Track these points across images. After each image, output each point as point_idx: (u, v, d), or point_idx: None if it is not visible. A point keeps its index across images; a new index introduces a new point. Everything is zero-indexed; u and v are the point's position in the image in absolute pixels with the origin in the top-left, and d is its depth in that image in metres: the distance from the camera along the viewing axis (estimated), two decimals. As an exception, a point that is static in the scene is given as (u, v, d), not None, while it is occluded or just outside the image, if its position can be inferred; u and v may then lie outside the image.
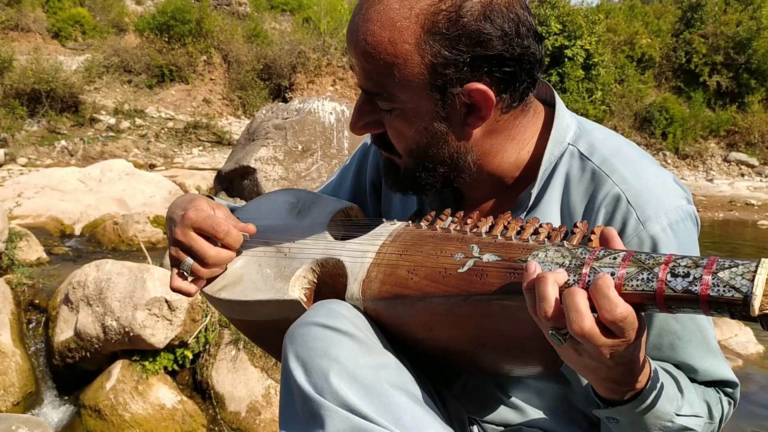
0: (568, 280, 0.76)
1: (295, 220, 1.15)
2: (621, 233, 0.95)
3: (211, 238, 1.06)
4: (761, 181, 14.01)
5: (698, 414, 0.94)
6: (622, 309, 0.71)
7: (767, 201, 11.91)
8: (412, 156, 1.01)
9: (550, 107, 1.08)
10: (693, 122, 14.88)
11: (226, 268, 1.10)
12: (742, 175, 14.51)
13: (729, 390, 1.03)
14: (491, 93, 0.94)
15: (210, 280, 1.10)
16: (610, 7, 17.52)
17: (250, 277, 1.07)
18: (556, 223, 1.02)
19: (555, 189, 1.03)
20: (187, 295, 1.08)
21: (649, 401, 0.85)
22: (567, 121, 1.06)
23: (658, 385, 0.87)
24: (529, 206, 1.04)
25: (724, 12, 16.12)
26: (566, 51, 14.03)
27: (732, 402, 1.03)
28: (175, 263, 1.07)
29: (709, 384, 1.02)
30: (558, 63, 14.14)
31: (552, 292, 0.73)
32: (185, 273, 1.06)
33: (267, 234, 1.13)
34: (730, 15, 15.83)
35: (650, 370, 0.85)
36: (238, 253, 1.11)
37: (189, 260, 1.05)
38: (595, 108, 14.27)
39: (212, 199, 1.21)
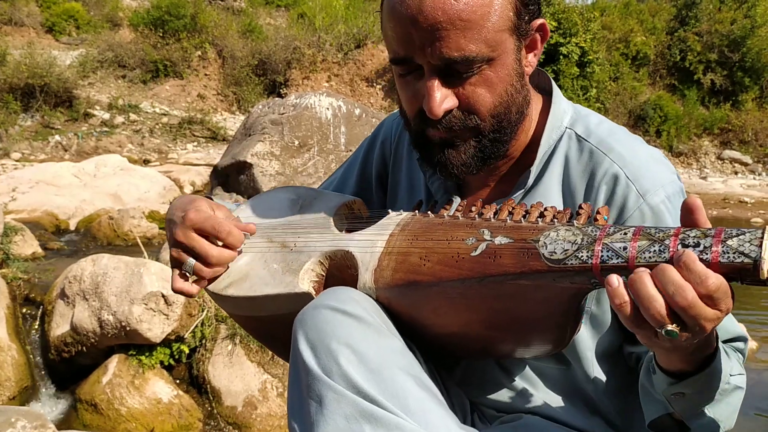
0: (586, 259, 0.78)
1: (298, 215, 1.16)
2: (623, 208, 1.01)
3: (212, 239, 1.06)
4: (755, 178, 14.05)
5: (741, 372, 0.98)
6: (714, 279, 0.70)
7: (761, 198, 11.95)
8: (497, 111, 1.01)
9: (547, 95, 1.13)
10: (687, 120, 14.91)
11: (229, 267, 1.10)
12: (736, 172, 14.55)
13: (741, 345, 1.06)
14: (548, 26, 1.02)
15: (212, 280, 1.10)
16: (606, 5, 17.52)
17: (256, 273, 1.07)
18: (558, 203, 1.06)
19: (555, 170, 1.07)
20: (189, 295, 1.08)
21: (718, 365, 0.87)
22: (564, 107, 1.11)
23: (720, 346, 0.88)
24: (529, 187, 1.08)
25: (719, 10, 16.13)
26: (561, 48, 14.04)
27: (743, 357, 1.06)
28: (177, 264, 1.07)
29: (724, 342, 1.04)
30: (553, 60, 14.14)
31: (656, 290, 0.72)
32: (188, 273, 1.06)
33: (270, 230, 1.14)
34: (724, 13, 15.85)
35: (716, 333, 0.86)
36: (241, 252, 1.12)
37: (191, 261, 1.05)
38: (589, 105, 14.28)
39: (211, 199, 1.22)
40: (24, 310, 3.62)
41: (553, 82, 1.13)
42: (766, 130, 14.95)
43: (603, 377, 1.09)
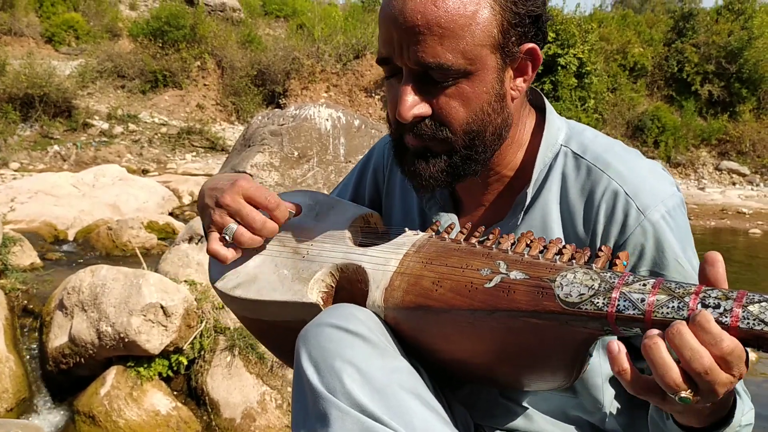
0: (603, 306, 0.76)
1: (313, 222, 1.14)
2: (623, 225, 0.99)
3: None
4: (752, 189, 14.09)
5: (751, 407, 0.96)
6: (729, 342, 0.68)
7: (759, 209, 11.98)
8: (470, 128, 0.99)
9: (540, 113, 1.12)
10: (685, 131, 14.96)
11: (239, 267, 1.09)
12: (734, 183, 14.59)
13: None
14: (540, 53, 0.98)
15: (224, 271, 1.09)
16: (603, 17, 17.63)
17: (266, 276, 1.06)
18: (557, 222, 1.05)
19: (552, 189, 1.06)
20: (223, 261, 1.05)
21: (735, 417, 0.85)
22: (558, 124, 1.09)
23: (736, 396, 0.86)
24: (526, 206, 1.06)
25: (716, 22, 16.23)
26: (559, 59, 14.10)
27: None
28: (218, 227, 1.05)
29: None
30: (551, 71, 14.20)
31: (670, 358, 0.70)
32: (227, 238, 1.04)
33: (283, 234, 1.12)
34: (721, 25, 15.94)
35: (734, 391, 0.84)
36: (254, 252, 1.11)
37: (233, 225, 1.04)
38: (587, 116, 14.33)
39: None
40: (22, 321, 3.61)
41: (546, 99, 1.12)
42: (763, 141, 15.01)
43: (611, 401, 1.08)
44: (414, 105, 0.96)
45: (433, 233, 1.03)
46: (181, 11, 14.69)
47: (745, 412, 0.93)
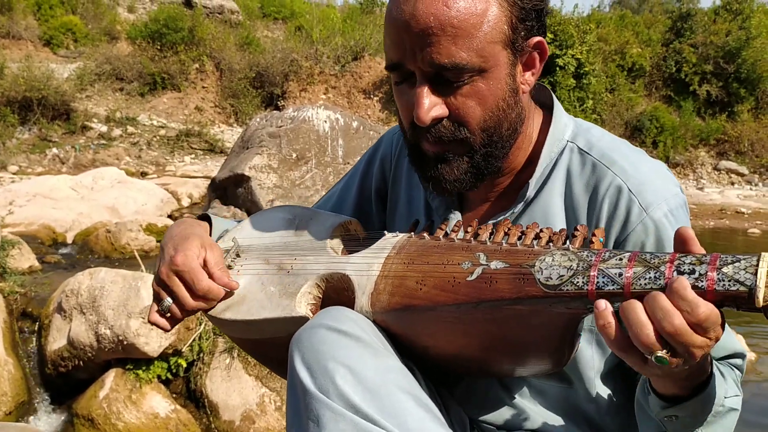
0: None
1: (294, 236, 1.16)
2: (626, 221, 1.00)
3: None
4: (751, 189, 14.08)
5: (737, 393, 0.97)
6: (704, 308, 0.70)
7: (757, 209, 11.97)
8: (487, 125, 1.00)
9: (548, 110, 1.13)
10: (683, 131, 14.95)
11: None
12: (732, 183, 14.58)
13: (739, 362, 1.05)
14: (546, 46, 1.01)
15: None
16: (601, 17, 17.62)
17: (254, 296, 1.07)
18: (560, 216, 1.06)
19: (557, 184, 1.06)
20: (164, 330, 1.10)
21: (712, 390, 0.87)
22: (565, 121, 1.11)
23: (715, 372, 0.88)
24: (530, 199, 1.07)
25: (714, 22, 16.23)
26: (558, 60, 14.10)
27: (741, 373, 1.06)
28: (156, 298, 1.09)
29: (722, 359, 1.04)
30: (549, 72, 14.19)
31: (645, 316, 0.72)
32: (162, 311, 1.09)
33: (266, 252, 1.14)
34: (719, 25, 15.94)
35: (711, 359, 0.86)
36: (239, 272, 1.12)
37: (168, 301, 1.07)
38: (586, 117, 14.33)
39: (209, 222, 1.22)
40: (21, 325, 3.61)
41: (554, 96, 1.13)
42: (761, 141, 15.01)
43: (605, 396, 1.09)
44: (432, 107, 0.97)
45: (412, 233, 1.04)
46: (179, 14, 14.69)
47: (729, 394, 0.94)
